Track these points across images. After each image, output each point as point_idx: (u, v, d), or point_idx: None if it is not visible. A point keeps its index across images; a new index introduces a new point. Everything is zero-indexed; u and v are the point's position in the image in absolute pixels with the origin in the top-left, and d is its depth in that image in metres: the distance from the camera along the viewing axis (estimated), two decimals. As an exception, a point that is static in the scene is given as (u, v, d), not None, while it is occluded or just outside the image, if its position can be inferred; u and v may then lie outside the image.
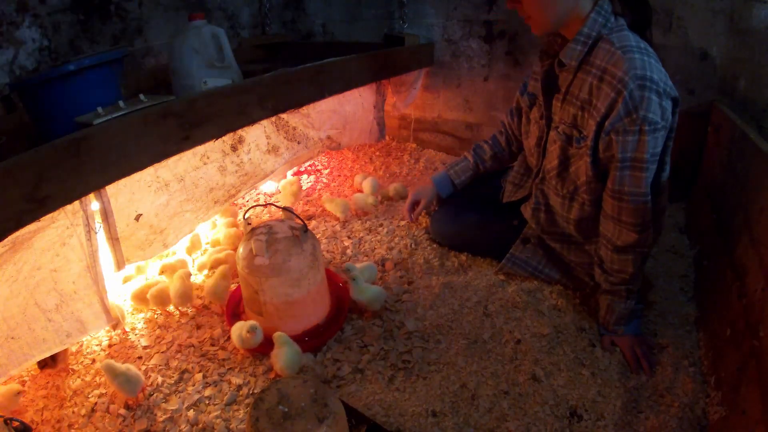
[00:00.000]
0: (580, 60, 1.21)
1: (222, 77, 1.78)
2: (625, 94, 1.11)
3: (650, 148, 1.14)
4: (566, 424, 1.08)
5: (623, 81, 1.11)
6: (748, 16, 1.75)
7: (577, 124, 1.26)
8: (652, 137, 1.13)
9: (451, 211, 1.74)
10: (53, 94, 1.42)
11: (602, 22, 1.18)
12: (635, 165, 1.16)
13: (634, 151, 1.15)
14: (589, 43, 1.19)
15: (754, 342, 0.99)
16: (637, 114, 1.11)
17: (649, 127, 1.12)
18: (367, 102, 2.49)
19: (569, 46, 1.21)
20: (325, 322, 1.40)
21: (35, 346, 1.17)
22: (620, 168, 1.18)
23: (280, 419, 0.88)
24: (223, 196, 1.71)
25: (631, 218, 1.20)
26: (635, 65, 1.10)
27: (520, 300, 1.45)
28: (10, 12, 1.69)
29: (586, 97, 1.21)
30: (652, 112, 1.11)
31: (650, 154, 1.14)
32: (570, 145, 1.30)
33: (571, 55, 1.21)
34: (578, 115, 1.25)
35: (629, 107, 1.11)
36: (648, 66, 1.11)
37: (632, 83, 1.10)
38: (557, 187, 1.37)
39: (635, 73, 1.10)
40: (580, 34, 1.19)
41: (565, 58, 1.23)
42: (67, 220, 1.17)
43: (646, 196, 1.18)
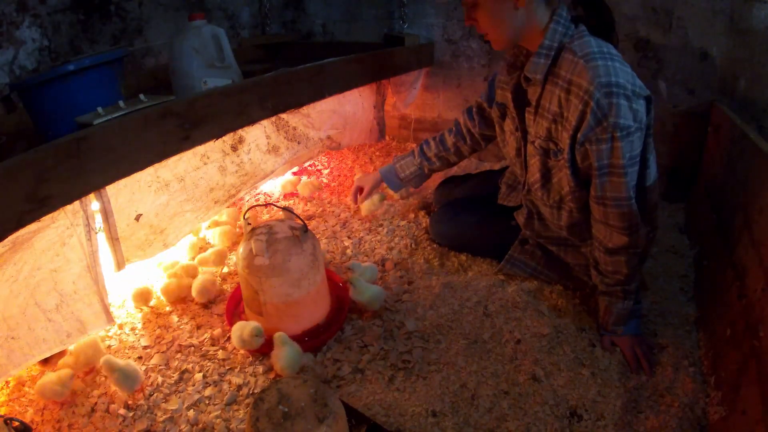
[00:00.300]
0: (545, 73, 1.21)
1: (222, 77, 1.78)
2: (593, 104, 1.10)
3: (626, 152, 1.13)
4: (566, 424, 1.08)
5: (589, 91, 1.10)
6: (748, 16, 1.75)
7: (552, 137, 1.26)
8: (627, 142, 1.12)
9: (450, 211, 1.74)
10: (53, 94, 1.42)
11: (562, 32, 1.18)
12: (613, 171, 1.16)
13: (610, 157, 1.15)
14: (551, 55, 1.18)
15: (754, 342, 0.99)
16: (607, 122, 1.11)
17: (621, 132, 1.11)
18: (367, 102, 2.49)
19: (532, 60, 1.21)
20: (325, 322, 1.40)
21: (35, 346, 1.17)
22: (599, 175, 1.18)
23: (280, 419, 0.88)
24: (223, 196, 1.71)
25: (618, 222, 1.20)
26: (599, 73, 1.09)
27: (520, 300, 1.45)
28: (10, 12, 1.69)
29: (557, 110, 1.21)
30: (623, 117, 1.10)
31: (627, 159, 1.14)
32: (548, 158, 1.30)
33: (536, 69, 1.21)
34: (551, 128, 1.24)
35: (598, 116, 1.11)
36: (612, 71, 1.10)
37: (598, 92, 1.09)
38: (543, 198, 1.37)
39: (599, 81, 1.09)
40: (541, 47, 1.19)
41: (530, 73, 1.22)
42: (67, 220, 1.17)
43: (629, 200, 1.17)
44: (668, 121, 2.04)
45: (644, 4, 1.96)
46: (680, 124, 2.03)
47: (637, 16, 1.98)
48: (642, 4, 1.96)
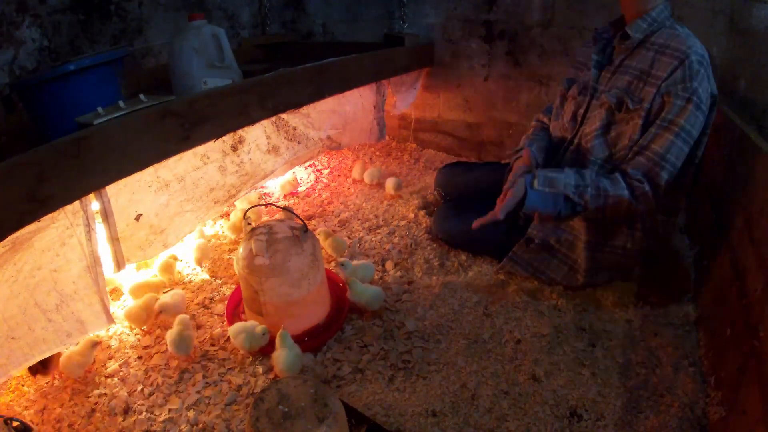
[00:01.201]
0: (643, 35, 1.33)
1: (222, 77, 1.78)
2: (686, 62, 1.23)
3: (689, 120, 1.24)
4: (566, 424, 1.08)
5: (686, 52, 1.24)
6: (748, 16, 1.75)
7: (630, 91, 1.34)
8: (694, 111, 1.23)
9: (455, 208, 1.74)
10: (53, 94, 1.42)
11: (667, 15, 1.34)
12: (671, 128, 1.26)
13: (676, 115, 1.25)
14: (654, 25, 1.33)
15: (754, 342, 0.98)
16: (690, 83, 1.23)
17: (695, 99, 1.23)
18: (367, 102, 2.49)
19: (637, 21, 1.33)
20: (325, 322, 1.39)
21: (35, 347, 1.17)
22: (658, 126, 1.28)
23: (280, 419, 0.88)
24: (223, 196, 1.71)
25: (639, 171, 1.29)
26: (697, 45, 1.26)
27: (520, 300, 1.45)
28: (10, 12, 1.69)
29: (646, 69, 1.31)
30: (702, 89, 1.23)
31: (686, 125, 1.24)
32: (619, 109, 1.36)
33: (638, 29, 1.33)
34: (633, 83, 1.34)
35: (686, 74, 1.24)
36: (706, 53, 1.26)
37: (694, 56, 1.23)
38: (592, 150, 1.41)
39: (697, 50, 1.24)
40: (648, 15, 1.32)
41: (631, 31, 1.34)
42: (67, 220, 1.17)
43: (663, 161, 1.26)
44: (668, 121, 2.03)
45: (644, 4, 1.95)
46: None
47: (637, 16, 1.98)
48: (642, 4, 1.96)
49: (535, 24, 2.22)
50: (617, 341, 1.31)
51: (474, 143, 2.62)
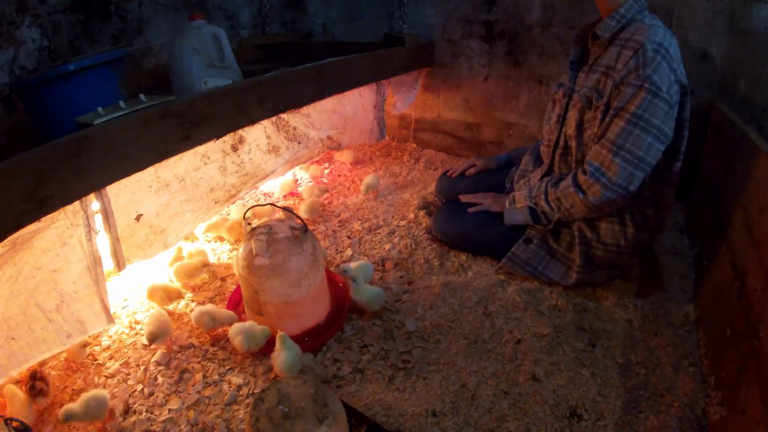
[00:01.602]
0: (612, 34, 1.32)
1: (222, 77, 1.78)
2: (640, 52, 1.22)
3: (643, 106, 1.21)
4: (566, 424, 1.08)
5: (641, 42, 1.23)
6: (748, 16, 1.75)
7: (598, 88, 1.34)
8: (649, 98, 1.20)
9: (455, 209, 1.74)
10: (53, 94, 1.43)
11: (637, 9, 1.31)
12: (622, 114, 1.24)
13: (626, 102, 1.23)
14: (622, 22, 1.31)
15: (754, 342, 0.99)
16: (643, 71, 1.20)
17: (650, 85, 1.20)
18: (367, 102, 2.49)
19: (606, 21, 1.33)
20: (325, 322, 1.39)
21: (35, 347, 1.17)
22: (611, 115, 1.27)
23: (280, 419, 0.88)
24: (223, 196, 1.71)
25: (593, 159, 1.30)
26: (657, 34, 1.23)
27: (520, 300, 1.45)
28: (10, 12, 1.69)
29: (611, 64, 1.31)
30: (658, 76, 1.20)
31: (640, 111, 1.22)
32: (589, 107, 1.37)
33: (605, 29, 1.33)
34: (601, 80, 1.34)
35: (639, 62, 1.22)
36: (668, 41, 1.22)
37: (649, 45, 1.21)
38: (573, 152, 1.44)
39: (654, 39, 1.22)
40: (616, 13, 1.31)
41: (599, 31, 1.34)
42: (67, 220, 1.17)
43: (614, 146, 1.26)
44: (668, 121, 2.03)
45: (644, 4, 1.96)
46: (680, 124, 2.02)
47: (637, 16, 1.98)
48: (642, 4, 1.96)
49: (535, 24, 2.22)
50: (617, 341, 1.31)
51: (474, 143, 2.62)
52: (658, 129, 1.22)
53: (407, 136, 2.85)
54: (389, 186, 2.28)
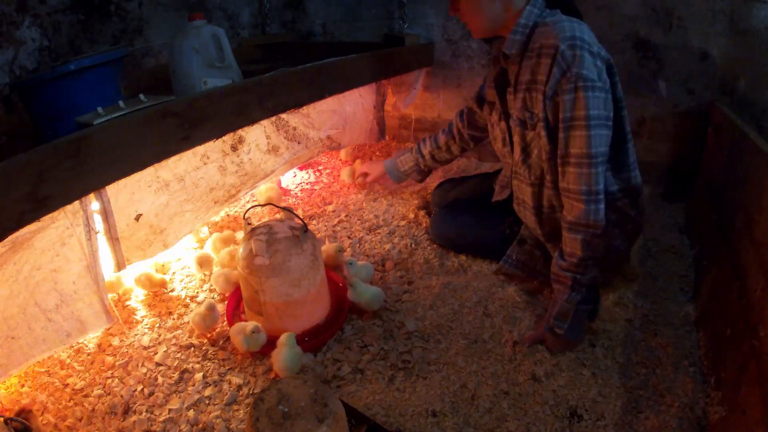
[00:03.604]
0: (521, 49, 1.26)
1: (222, 77, 1.78)
2: (558, 55, 1.15)
3: (590, 105, 1.15)
4: (566, 424, 1.08)
5: (555, 45, 1.16)
6: (748, 16, 1.75)
7: (527, 107, 1.29)
8: (591, 95, 1.15)
9: (450, 213, 1.75)
10: (53, 94, 1.43)
11: (537, 13, 1.25)
12: (575, 124, 1.17)
13: (573, 109, 1.17)
14: (526, 32, 1.25)
15: (754, 342, 0.99)
16: (570, 72, 1.15)
17: (584, 83, 1.14)
18: (367, 102, 2.49)
19: (509, 37, 1.27)
20: (325, 322, 1.39)
21: (35, 346, 1.17)
22: (563, 129, 1.20)
23: (280, 419, 0.88)
24: (223, 196, 1.71)
25: (576, 185, 1.19)
26: (564, 28, 1.17)
27: (520, 300, 1.45)
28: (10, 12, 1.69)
29: (530, 77, 1.25)
30: (586, 69, 1.14)
31: (590, 111, 1.15)
32: (526, 129, 1.32)
33: (512, 45, 1.26)
34: (526, 97, 1.29)
35: (563, 67, 1.16)
36: (577, 29, 1.17)
37: (562, 44, 1.15)
38: (525, 176, 1.38)
39: (564, 35, 1.16)
40: (517, 26, 1.25)
41: (506, 50, 1.28)
42: (67, 220, 1.17)
43: (591, 159, 1.17)
44: (668, 121, 2.04)
45: (644, 4, 1.96)
46: (680, 124, 2.03)
47: (637, 16, 1.98)
48: (642, 4, 1.96)
49: (535, 24, 2.22)
50: (617, 341, 1.31)
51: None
52: (605, 118, 1.17)
53: (407, 136, 2.85)
54: (389, 186, 2.27)
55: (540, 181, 1.35)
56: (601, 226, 1.19)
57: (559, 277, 1.26)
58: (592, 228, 1.19)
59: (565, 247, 1.25)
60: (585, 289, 1.23)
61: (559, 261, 1.26)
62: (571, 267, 1.22)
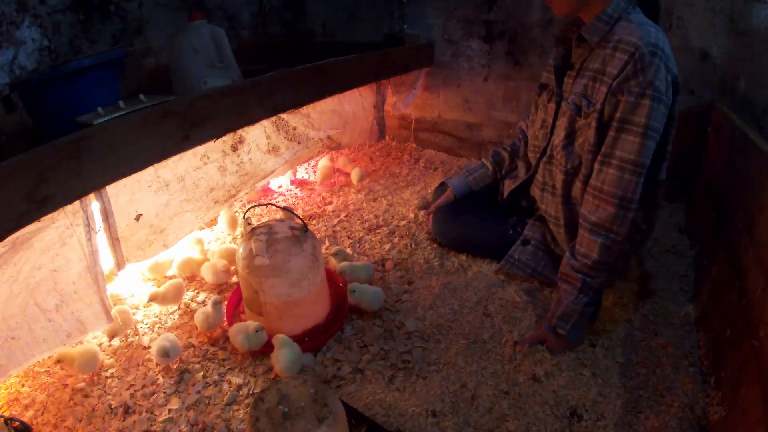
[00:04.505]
0: (601, 37, 1.24)
1: (222, 77, 1.78)
2: (636, 56, 1.14)
3: (651, 115, 1.14)
4: (566, 424, 1.08)
5: (636, 45, 1.14)
6: (748, 16, 1.75)
7: (587, 94, 1.27)
8: (655, 105, 1.14)
9: (452, 212, 1.74)
10: (53, 94, 1.43)
11: (623, 6, 1.23)
12: (630, 128, 1.16)
13: (633, 113, 1.16)
14: (611, 23, 1.23)
15: (754, 342, 0.99)
16: (643, 77, 1.14)
17: (653, 92, 1.13)
18: (367, 102, 2.49)
19: (593, 23, 1.24)
20: (325, 323, 1.39)
21: (35, 346, 1.17)
22: (616, 129, 1.19)
23: (280, 419, 0.88)
24: (223, 196, 1.71)
25: (613, 187, 1.18)
26: (650, 34, 1.15)
27: (520, 300, 1.45)
28: (10, 12, 1.69)
29: (599, 67, 1.23)
30: (659, 80, 1.14)
31: (650, 122, 1.14)
32: (578, 115, 1.30)
33: (594, 32, 1.24)
34: (589, 85, 1.27)
35: (637, 68, 1.14)
36: (661, 39, 1.15)
37: (645, 48, 1.13)
38: (562, 162, 1.35)
39: (648, 40, 1.14)
40: (604, 14, 1.23)
41: (587, 34, 1.26)
42: (67, 220, 1.17)
43: (636, 166, 1.16)
44: (668, 121, 2.03)
45: (644, 4, 1.96)
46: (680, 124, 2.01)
47: (637, 16, 1.98)
48: (642, 4, 1.96)
49: (535, 24, 2.22)
50: (617, 341, 1.31)
51: (474, 143, 2.63)
52: (658, 132, 1.17)
53: (407, 136, 2.85)
54: (389, 186, 2.28)
55: (575, 170, 1.33)
56: (623, 234, 1.19)
57: (568, 277, 1.25)
58: (614, 234, 1.19)
59: (580, 247, 1.24)
60: (593, 292, 1.23)
61: (571, 260, 1.25)
62: (584, 268, 1.22)
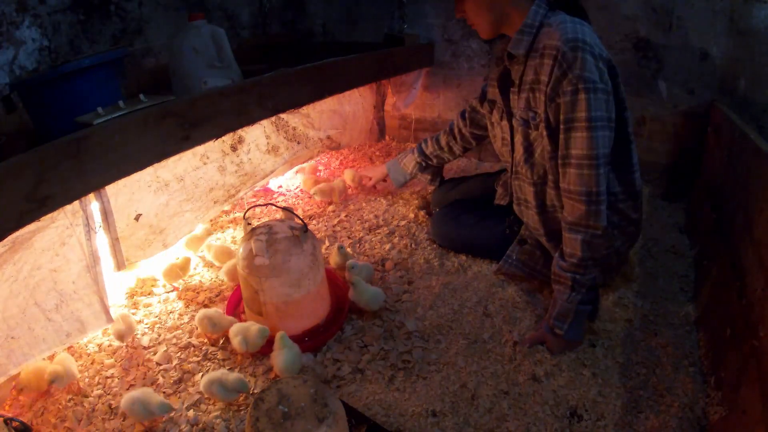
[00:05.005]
0: (527, 49, 1.26)
1: (222, 77, 1.78)
2: (559, 57, 1.16)
3: (592, 107, 1.15)
4: (566, 424, 1.08)
5: (557, 47, 1.17)
6: (748, 16, 1.75)
7: (530, 107, 1.29)
8: (593, 97, 1.15)
9: (450, 213, 1.75)
10: (53, 94, 1.42)
11: (543, 13, 1.25)
12: (577, 125, 1.18)
13: (574, 111, 1.17)
14: (533, 32, 1.25)
15: (754, 342, 0.99)
16: (572, 73, 1.15)
17: (586, 85, 1.14)
18: (367, 102, 2.49)
19: (515, 37, 1.27)
20: (325, 322, 1.39)
21: (35, 346, 1.17)
22: (564, 130, 1.21)
23: (280, 419, 0.88)
24: (223, 196, 1.71)
25: (577, 185, 1.20)
26: (566, 30, 1.17)
27: (520, 300, 1.45)
28: (10, 12, 1.69)
29: (534, 77, 1.26)
30: (588, 71, 1.14)
31: (593, 114, 1.15)
32: (528, 128, 1.32)
33: (518, 45, 1.26)
34: (530, 97, 1.29)
35: (564, 68, 1.16)
36: (579, 31, 1.16)
37: (565, 46, 1.15)
38: (527, 175, 1.39)
39: (566, 37, 1.16)
40: (524, 25, 1.25)
41: (512, 50, 1.27)
42: (67, 220, 1.17)
43: (591, 160, 1.17)
44: (668, 121, 2.04)
45: (644, 4, 1.96)
46: (680, 124, 2.03)
47: (637, 16, 1.98)
48: (642, 4, 1.96)
49: (535, 24, 2.22)
50: (617, 341, 1.31)
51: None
52: (607, 119, 1.18)
53: (407, 136, 2.85)
54: (389, 185, 2.27)
55: (542, 180, 1.36)
56: (601, 227, 1.20)
57: (559, 277, 1.26)
58: (592, 229, 1.20)
59: (565, 248, 1.26)
60: (585, 289, 1.23)
61: (560, 261, 1.26)
62: (572, 267, 1.23)
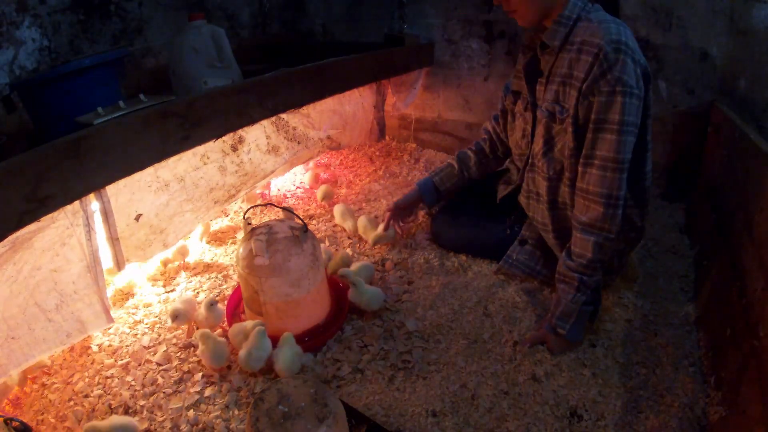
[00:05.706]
0: (562, 40, 1.24)
1: (222, 77, 1.78)
2: (601, 56, 1.14)
3: (625, 111, 1.15)
4: (566, 424, 1.08)
5: (599, 45, 1.15)
6: (748, 16, 1.75)
7: (558, 100, 1.28)
8: (628, 100, 1.14)
9: (450, 214, 1.75)
10: (53, 94, 1.43)
11: (581, 6, 1.23)
12: (607, 127, 1.17)
13: (608, 112, 1.16)
14: (569, 24, 1.23)
15: (754, 342, 0.99)
16: (612, 74, 1.14)
17: (623, 88, 1.14)
18: (367, 102, 2.50)
19: (551, 27, 1.25)
20: (325, 322, 1.39)
21: (35, 346, 1.17)
22: (593, 130, 1.19)
23: (280, 419, 0.88)
24: (223, 196, 1.71)
25: (598, 187, 1.19)
26: (611, 31, 1.15)
27: (520, 300, 1.45)
28: (10, 12, 1.69)
29: (567, 71, 1.24)
30: (627, 75, 1.14)
31: (626, 118, 1.15)
32: (553, 121, 1.31)
33: (554, 36, 1.24)
34: (559, 90, 1.27)
35: (604, 68, 1.15)
36: (623, 33, 1.15)
37: (608, 46, 1.14)
38: (543, 169, 1.37)
39: (610, 38, 1.14)
40: (561, 16, 1.23)
41: (548, 40, 1.26)
42: (67, 220, 1.17)
43: (617, 164, 1.17)
44: (668, 121, 2.03)
45: (644, 4, 1.96)
46: (680, 124, 2.03)
47: (637, 16, 1.98)
48: (642, 4, 1.96)
49: (535, 24, 2.22)
50: (617, 341, 1.31)
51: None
52: (635, 126, 1.18)
53: (407, 136, 2.85)
54: (389, 186, 2.28)
55: (558, 176, 1.35)
56: (615, 231, 1.20)
57: (565, 277, 1.26)
58: (606, 232, 1.20)
59: (574, 248, 1.25)
60: (590, 290, 1.24)
61: (567, 261, 1.26)
62: (580, 268, 1.23)
